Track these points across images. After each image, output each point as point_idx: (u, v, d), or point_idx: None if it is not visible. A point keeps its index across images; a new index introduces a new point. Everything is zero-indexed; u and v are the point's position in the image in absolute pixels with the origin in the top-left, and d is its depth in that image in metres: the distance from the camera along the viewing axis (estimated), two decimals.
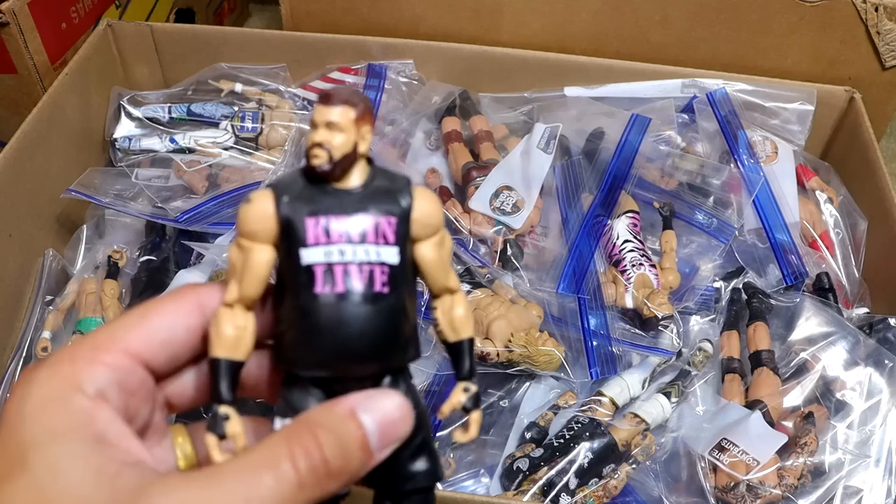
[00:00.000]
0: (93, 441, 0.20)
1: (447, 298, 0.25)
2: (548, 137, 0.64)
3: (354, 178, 0.23)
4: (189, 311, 0.24)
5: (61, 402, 0.21)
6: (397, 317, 0.23)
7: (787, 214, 0.61)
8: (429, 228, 0.24)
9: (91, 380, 0.22)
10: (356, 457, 0.22)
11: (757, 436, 0.48)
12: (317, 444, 0.21)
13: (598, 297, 0.56)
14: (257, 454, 0.21)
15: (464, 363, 0.25)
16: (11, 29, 0.59)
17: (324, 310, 0.22)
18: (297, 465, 0.20)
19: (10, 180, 0.55)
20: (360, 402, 0.22)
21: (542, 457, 0.48)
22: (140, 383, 0.23)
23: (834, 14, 0.64)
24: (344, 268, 0.22)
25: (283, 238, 0.23)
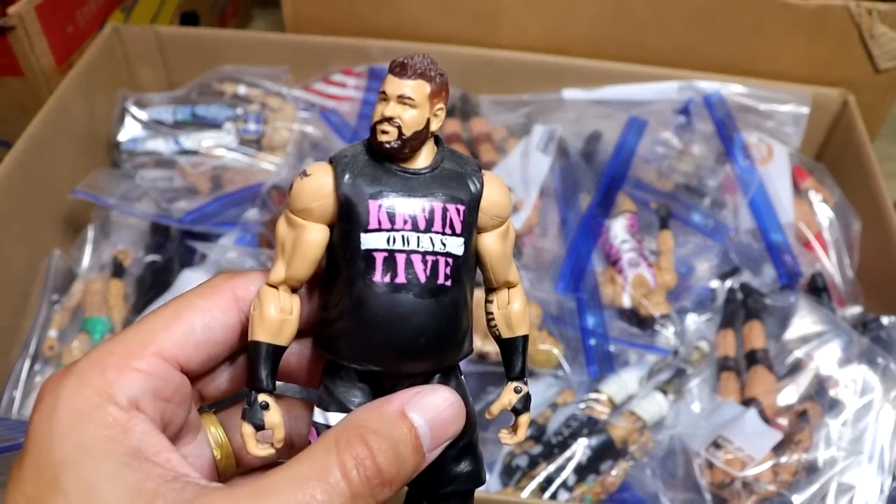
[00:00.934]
0: (128, 457, 0.19)
1: (504, 293, 0.23)
2: (546, 139, 0.65)
3: (422, 158, 0.21)
4: (225, 307, 0.22)
5: (93, 415, 0.19)
6: (458, 312, 0.22)
7: (781, 215, 0.62)
8: (496, 219, 0.22)
9: (123, 389, 0.20)
10: (410, 461, 0.20)
11: (752, 433, 0.48)
12: (369, 451, 0.19)
13: (596, 296, 0.56)
14: (306, 465, 0.19)
15: (516, 362, 0.23)
16: (18, 32, 0.60)
17: (381, 301, 0.21)
18: (350, 476, 0.19)
19: (16, 182, 0.56)
20: (410, 401, 0.21)
21: (541, 454, 0.48)
22: (176, 389, 0.22)
23: (828, 18, 0.65)
24: (407, 257, 0.21)
25: (340, 218, 0.21)
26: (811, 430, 0.49)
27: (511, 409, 0.24)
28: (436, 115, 0.21)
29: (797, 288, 0.59)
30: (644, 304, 0.55)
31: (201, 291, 0.22)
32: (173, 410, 0.22)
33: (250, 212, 0.62)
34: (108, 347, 0.21)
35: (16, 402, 0.53)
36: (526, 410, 0.24)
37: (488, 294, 0.24)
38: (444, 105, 0.21)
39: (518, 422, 0.24)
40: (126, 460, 0.19)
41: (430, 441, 0.21)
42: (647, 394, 0.52)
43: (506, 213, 0.22)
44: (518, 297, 0.23)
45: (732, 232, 0.61)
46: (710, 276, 0.59)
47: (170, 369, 0.21)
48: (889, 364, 0.51)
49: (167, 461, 0.20)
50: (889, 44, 0.65)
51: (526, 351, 0.24)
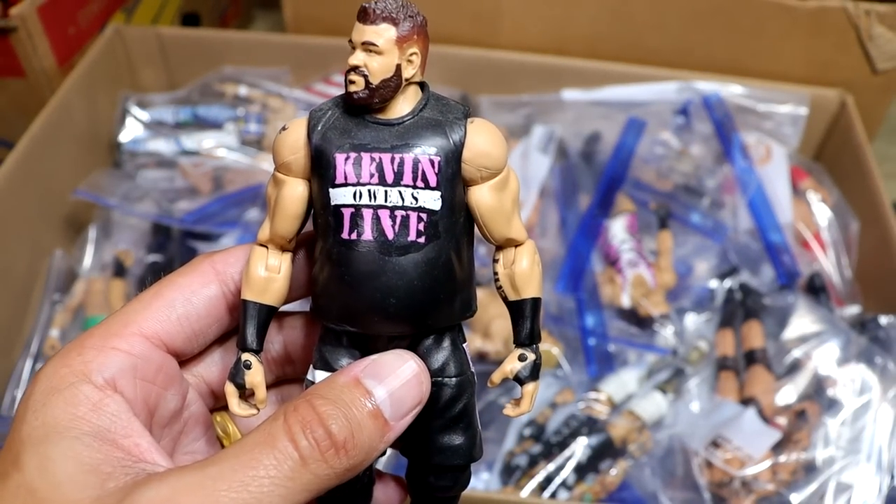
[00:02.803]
0: (91, 437, 0.19)
1: (510, 252, 0.21)
2: (546, 139, 0.65)
3: (400, 107, 0.20)
4: (205, 280, 0.22)
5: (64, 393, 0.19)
6: (434, 271, 0.20)
7: (780, 215, 0.62)
8: (485, 169, 0.20)
9: (101, 368, 0.20)
10: (368, 427, 0.19)
11: (751, 432, 0.49)
12: (316, 415, 0.18)
13: (596, 296, 0.57)
14: (254, 434, 0.18)
15: (523, 326, 0.21)
16: (20, 33, 0.60)
17: (350, 258, 0.20)
18: (296, 440, 0.18)
19: (18, 182, 0.56)
20: (365, 368, 0.20)
21: (541, 453, 0.49)
22: (158, 368, 0.21)
23: (826, 19, 0.65)
24: (374, 212, 0.20)
25: (313, 172, 0.20)
26: (810, 430, 0.49)
27: (514, 378, 0.22)
28: (409, 61, 0.20)
29: (796, 288, 0.59)
30: (643, 304, 0.55)
31: (181, 270, 0.22)
32: (159, 393, 0.21)
33: (251, 212, 0.62)
34: (91, 330, 0.21)
35: (17, 402, 0.53)
36: (532, 380, 0.21)
37: (495, 253, 0.22)
38: (420, 49, 0.20)
39: (523, 391, 0.22)
40: (88, 440, 0.18)
41: (390, 407, 0.19)
42: (646, 393, 0.52)
43: (496, 164, 0.20)
44: (525, 255, 0.21)
45: (731, 232, 0.62)
46: (708, 275, 0.59)
47: (151, 347, 0.21)
48: (887, 363, 0.52)
49: (135, 446, 0.19)
50: (887, 45, 0.65)
51: (536, 315, 0.21)
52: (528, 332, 0.22)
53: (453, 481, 0.22)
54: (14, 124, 0.63)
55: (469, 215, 0.21)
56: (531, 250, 0.22)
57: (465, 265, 0.21)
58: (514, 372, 0.22)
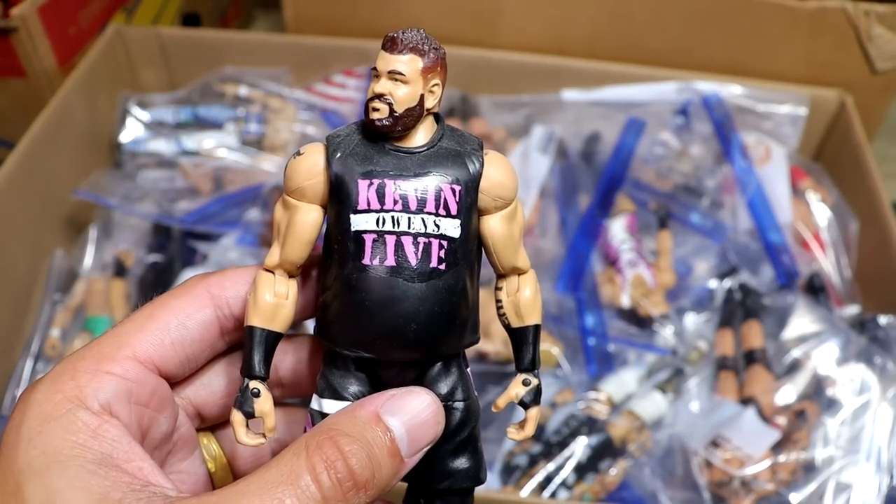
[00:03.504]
0: (95, 464, 0.18)
1: (514, 280, 0.22)
2: (546, 140, 0.66)
3: (419, 136, 0.20)
4: (200, 304, 0.22)
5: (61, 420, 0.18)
6: (454, 297, 0.20)
7: (780, 215, 0.62)
8: (500, 199, 0.21)
9: (95, 394, 0.19)
10: (386, 465, 0.19)
11: (750, 432, 0.49)
12: (340, 453, 0.18)
13: (596, 296, 0.57)
14: (274, 470, 0.18)
15: (526, 352, 0.22)
16: (21, 33, 0.60)
17: (371, 284, 0.20)
18: (320, 479, 0.18)
19: (19, 182, 0.56)
20: (385, 404, 0.20)
21: (541, 453, 0.49)
22: (152, 392, 0.21)
23: (826, 19, 0.65)
24: (397, 238, 0.20)
25: (332, 198, 0.20)
26: (809, 429, 0.49)
27: (518, 403, 0.22)
28: (431, 92, 0.20)
29: (795, 288, 0.59)
30: (643, 304, 0.55)
31: (175, 292, 0.22)
32: (152, 416, 0.21)
33: (251, 212, 0.62)
34: (81, 352, 0.20)
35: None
36: (535, 404, 0.22)
37: (498, 281, 0.23)
38: (441, 81, 0.21)
39: (527, 416, 0.22)
40: (92, 468, 0.18)
41: (407, 445, 0.20)
42: (645, 393, 0.52)
43: (509, 195, 0.21)
44: (528, 284, 0.22)
45: (731, 232, 0.62)
46: (708, 275, 0.59)
47: (145, 371, 0.21)
48: (886, 363, 0.52)
49: (138, 469, 0.19)
50: (886, 45, 0.65)
51: (537, 342, 0.22)
52: (530, 358, 0.22)
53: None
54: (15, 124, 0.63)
55: (479, 244, 0.22)
56: (534, 279, 0.22)
57: (474, 291, 0.22)
58: (518, 397, 0.22)
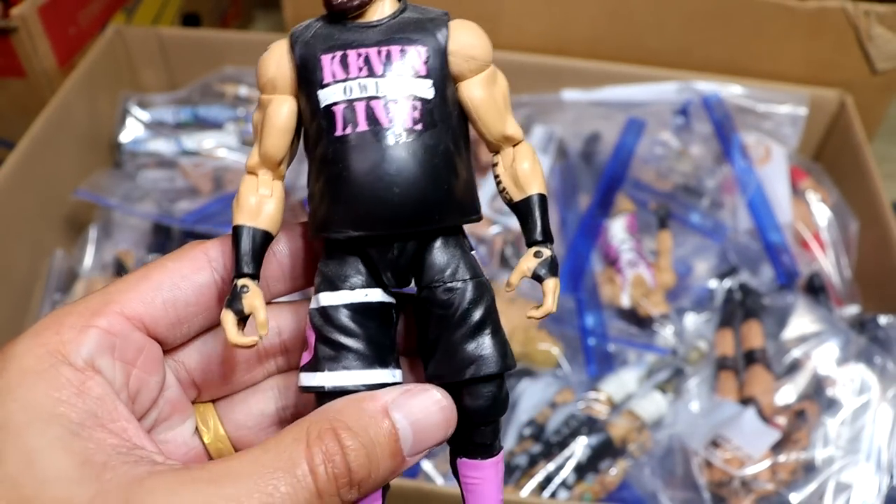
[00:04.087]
0: (78, 423, 0.17)
1: (508, 151, 0.21)
2: (546, 140, 0.66)
3: (380, 10, 0.20)
4: (196, 266, 0.21)
5: (44, 375, 0.18)
6: (435, 159, 0.19)
7: (780, 215, 0.62)
8: (473, 62, 0.20)
9: (79, 348, 0.18)
10: (385, 464, 0.18)
11: (751, 432, 0.49)
12: (340, 448, 0.18)
13: (596, 296, 0.57)
14: (273, 452, 0.18)
15: (533, 224, 0.20)
16: (21, 33, 0.60)
17: (346, 154, 0.19)
18: (317, 471, 0.17)
19: (19, 182, 0.56)
20: (397, 399, 0.19)
21: (541, 453, 0.49)
22: (138, 350, 0.20)
23: (826, 19, 0.65)
24: (366, 104, 0.19)
25: (301, 84, 0.20)
26: (809, 429, 0.49)
27: (532, 276, 0.20)
28: None
29: (795, 288, 0.59)
30: (643, 304, 0.55)
31: (172, 255, 0.21)
32: (140, 378, 0.20)
33: None
34: (68, 308, 0.19)
35: None
36: (552, 275, 0.20)
37: (494, 158, 0.21)
38: None
39: (544, 289, 0.20)
40: (75, 428, 0.17)
41: (411, 445, 0.19)
42: (645, 393, 0.52)
43: (482, 55, 0.20)
44: (525, 154, 0.21)
45: (731, 232, 0.62)
46: (708, 275, 0.59)
47: (131, 328, 0.20)
48: (886, 363, 0.52)
49: (123, 430, 0.18)
50: (886, 45, 0.65)
51: (545, 211, 0.21)
52: (540, 228, 0.21)
53: (491, 400, 0.20)
54: (14, 124, 0.63)
55: (463, 117, 0.21)
56: (530, 150, 0.21)
57: (465, 163, 0.21)
58: (530, 270, 0.20)
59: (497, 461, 0.22)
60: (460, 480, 0.22)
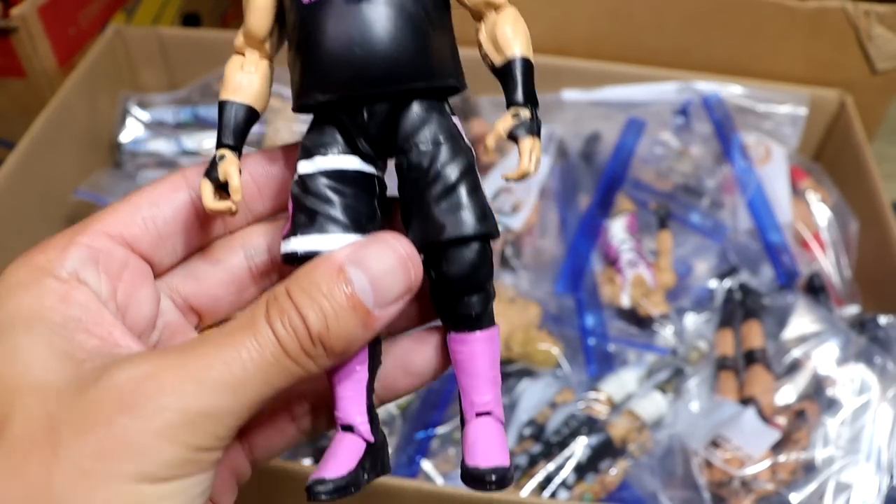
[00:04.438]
0: (61, 325, 0.18)
1: (490, 17, 0.20)
2: (546, 140, 0.66)
3: None
4: (174, 187, 0.21)
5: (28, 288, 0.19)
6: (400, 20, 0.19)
7: (780, 215, 0.62)
8: None
9: (64, 263, 0.20)
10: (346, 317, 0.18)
11: (751, 432, 0.49)
12: (293, 304, 0.18)
13: (595, 296, 0.57)
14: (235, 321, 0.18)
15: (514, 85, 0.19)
16: (21, 33, 0.60)
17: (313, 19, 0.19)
18: (275, 328, 0.18)
19: (19, 182, 0.56)
20: (350, 255, 0.19)
21: (541, 453, 0.49)
22: (122, 264, 0.21)
23: (826, 19, 0.65)
24: None
25: None
26: (809, 430, 0.49)
27: (508, 136, 0.19)
28: None
29: (795, 288, 0.59)
30: (643, 304, 0.55)
31: (155, 181, 0.22)
32: (127, 291, 0.21)
33: None
34: (55, 235, 0.21)
35: None
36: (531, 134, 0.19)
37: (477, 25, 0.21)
38: None
39: (520, 148, 0.19)
40: (58, 329, 0.18)
41: (372, 297, 0.18)
42: (645, 393, 0.52)
43: None
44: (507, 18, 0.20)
45: (731, 232, 0.62)
46: (708, 275, 0.59)
47: (114, 244, 0.21)
48: (886, 363, 0.52)
49: (108, 334, 0.19)
50: (886, 45, 0.65)
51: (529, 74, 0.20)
52: (521, 90, 0.19)
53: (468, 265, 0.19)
54: (14, 124, 0.63)
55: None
56: (514, 13, 0.20)
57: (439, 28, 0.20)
58: (506, 130, 0.19)
59: (488, 336, 0.21)
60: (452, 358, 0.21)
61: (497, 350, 0.21)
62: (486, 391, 0.21)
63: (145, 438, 0.17)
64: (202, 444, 0.17)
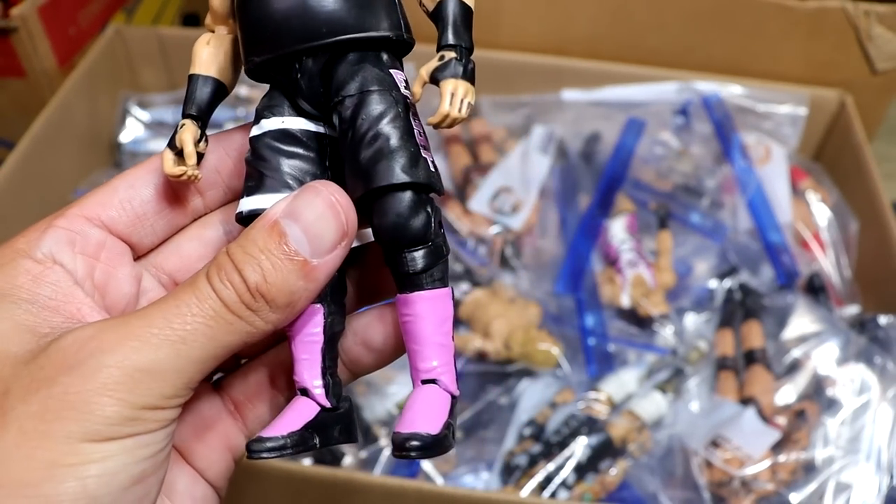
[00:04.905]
0: (29, 304, 0.19)
1: None
2: (546, 140, 0.66)
3: None
4: (151, 168, 0.22)
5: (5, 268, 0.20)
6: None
7: (780, 215, 0.62)
8: None
9: (40, 245, 0.20)
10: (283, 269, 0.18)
11: (751, 432, 0.49)
12: (230, 261, 0.18)
13: (596, 296, 0.57)
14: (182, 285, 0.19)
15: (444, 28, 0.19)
16: (21, 33, 0.60)
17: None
18: (216, 285, 0.18)
19: (19, 182, 0.56)
20: (284, 208, 0.19)
21: (541, 453, 0.49)
22: (99, 244, 0.21)
23: (826, 19, 0.65)
24: None
25: None
26: (809, 429, 0.49)
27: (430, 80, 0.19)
28: None
29: (795, 288, 0.59)
30: (643, 304, 0.55)
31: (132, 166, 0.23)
32: (106, 271, 0.21)
33: None
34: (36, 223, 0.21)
35: None
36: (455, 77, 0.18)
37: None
38: None
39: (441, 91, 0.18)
40: (26, 306, 0.19)
41: (308, 245, 0.18)
42: (645, 393, 0.52)
43: None
44: None
45: (731, 232, 0.62)
46: (708, 275, 0.59)
47: (90, 225, 0.21)
48: (886, 363, 0.52)
49: (77, 311, 0.20)
50: (886, 45, 0.65)
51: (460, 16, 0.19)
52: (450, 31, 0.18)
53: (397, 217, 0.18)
54: (15, 124, 0.63)
55: None
56: None
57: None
58: (429, 72, 0.18)
59: (431, 296, 0.19)
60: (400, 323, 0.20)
61: (447, 312, 0.20)
62: (430, 356, 0.19)
63: (86, 396, 0.17)
64: (145, 402, 0.18)
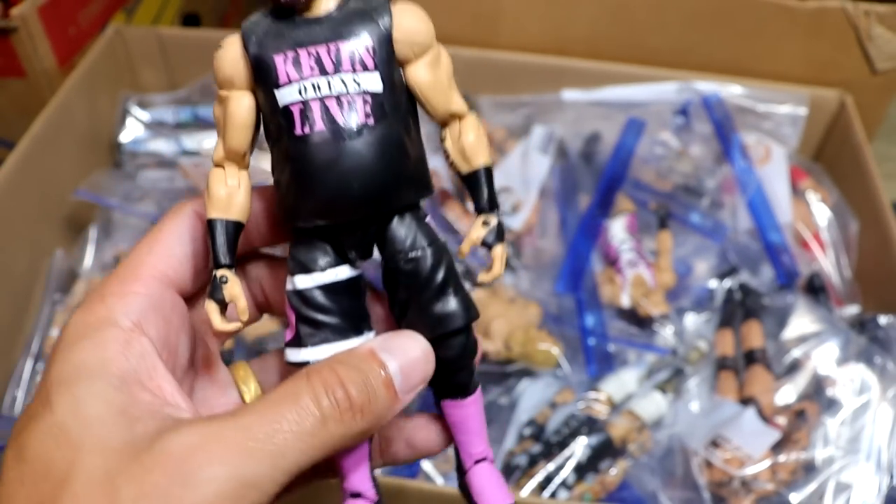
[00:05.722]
0: (120, 380, 0.20)
1: (455, 126, 0.23)
2: (546, 140, 0.66)
3: (326, 4, 0.21)
4: (191, 222, 0.23)
5: (93, 337, 0.20)
6: (390, 149, 0.21)
7: (780, 215, 0.62)
8: (417, 46, 0.21)
9: (125, 311, 0.21)
10: (381, 395, 0.20)
11: (750, 432, 0.49)
12: (337, 378, 0.20)
13: (596, 296, 0.57)
14: (279, 391, 0.20)
15: (481, 194, 0.23)
16: (21, 33, 0.60)
17: (307, 152, 0.21)
18: (319, 399, 0.19)
19: (19, 182, 0.56)
20: (380, 344, 0.21)
21: (541, 453, 0.49)
22: (172, 307, 0.22)
23: (826, 19, 0.65)
24: (321, 103, 0.20)
25: (257, 81, 0.21)
26: (809, 429, 0.49)
27: (482, 244, 0.23)
28: None
29: (795, 288, 0.59)
30: (643, 304, 0.55)
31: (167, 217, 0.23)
32: (176, 334, 0.22)
33: None
34: (106, 280, 0.22)
35: (18, 402, 0.53)
36: (499, 241, 0.23)
37: (441, 133, 0.23)
38: None
39: (492, 255, 0.23)
40: (116, 383, 0.19)
41: (401, 380, 0.21)
42: (645, 393, 0.52)
43: (425, 39, 0.21)
44: (470, 128, 0.23)
45: (731, 232, 0.62)
46: (708, 275, 0.59)
47: (164, 287, 0.22)
48: (886, 363, 0.52)
49: (158, 388, 0.20)
50: (886, 45, 0.65)
51: (491, 182, 0.23)
52: (487, 198, 0.23)
53: (461, 348, 0.23)
54: (14, 124, 0.63)
55: (411, 97, 0.22)
56: (475, 123, 0.23)
57: (415, 143, 0.22)
58: (480, 238, 0.23)
59: (476, 398, 0.24)
60: (448, 420, 0.24)
61: (482, 403, 0.24)
62: (479, 443, 0.24)
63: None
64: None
